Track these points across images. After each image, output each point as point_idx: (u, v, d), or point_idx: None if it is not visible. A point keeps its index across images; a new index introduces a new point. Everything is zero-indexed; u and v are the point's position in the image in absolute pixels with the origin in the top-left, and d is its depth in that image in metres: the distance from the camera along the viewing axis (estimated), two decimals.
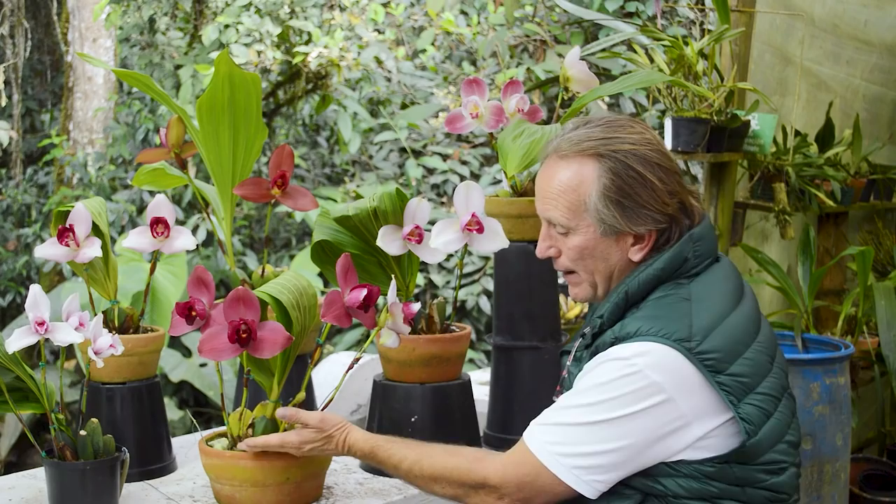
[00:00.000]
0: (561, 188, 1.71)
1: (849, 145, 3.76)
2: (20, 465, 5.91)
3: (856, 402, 3.29)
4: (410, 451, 1.79)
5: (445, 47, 6.83)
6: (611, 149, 1.68)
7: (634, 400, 1.59)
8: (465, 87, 2.35)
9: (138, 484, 2.11)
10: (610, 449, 1.60)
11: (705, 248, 1.72)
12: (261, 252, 6.33)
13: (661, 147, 1.71)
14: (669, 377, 1.58)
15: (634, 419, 1.59)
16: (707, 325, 1.62)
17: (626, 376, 1.59)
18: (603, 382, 1.62)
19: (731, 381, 1.61)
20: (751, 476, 1.63)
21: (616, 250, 1.72)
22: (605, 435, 1.60)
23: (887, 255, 3.88)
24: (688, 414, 1.60)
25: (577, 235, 1.72)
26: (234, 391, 2.50)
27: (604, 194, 1.68)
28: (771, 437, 1.64)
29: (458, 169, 6.21)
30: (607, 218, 1.68)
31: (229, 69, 2.13)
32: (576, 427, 1.62)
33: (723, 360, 1.61)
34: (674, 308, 1.64)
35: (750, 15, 3.31)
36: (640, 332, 1.62)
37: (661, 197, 1.67)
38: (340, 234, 2.27)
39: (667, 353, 1.59)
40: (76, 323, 1.88)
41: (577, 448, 1.62)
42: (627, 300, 1.69)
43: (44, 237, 6.46)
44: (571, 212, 1.71)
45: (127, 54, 7.16)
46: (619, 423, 1.59)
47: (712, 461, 1.62)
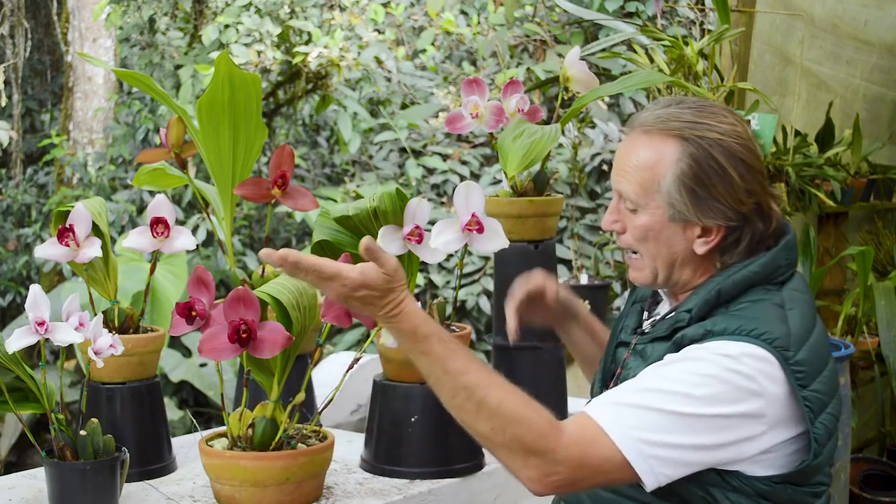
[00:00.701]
0: (638, 163, 1.64)
1: (849, 145, 3.76)
2: (20, 465, 5.91)
3: (856, 402, 3.29)
4: (477, 369, 1.54)
5: (445, 47, 6.83)
6: (697, 133, 1.60)
7: (737, 399, 1.51)
8: (465, 87, 2.35)
9: (138, 484, 2.11)
10: (697, 444, 1.51)
11: (794, 258, 1.67)
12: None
13: (750, 143, 1.63)
14: (769, 384, 1.52)
15: (732, 419, 1.51)
16: (800, 336, 1.56)
17: (734, 373, 1.51)
18: (705, 374, 1.51)
19: (813, 396, 1.54)
20: (800, 499, 1.58)
21: (681, 239, 1.64)
22: (699, 428, 1.51)
23: (887, 255, 3.89)
24: (768, 423, 1.54)
25: (645, 215, 1.64)
26: (234, 391, 2.50)
27: (679, 178, 1.60)
28: (829, 458, 1.59)
29: (458, 169, 6.21)
30: (678, 203, 1.61)
31: (229, 69, 2.13)
32: (666, 415, 1.51)
33: (809, 374, 1.55)
34: (770, 312, 1.57)
35: (750, 15, 3.31)
36: (740, 330, 1.54)
37: (737, 193, 1.60)
38: (340, 234, 2.27)
39: (771, 359, 1.52)
40: (76, 323, 1.88)
41: (664, 437, 1.50)
42: (719, 298, 1.61)
43: (44, 237, 6.46)
44: (643, 189, 1.63)
45: (127, 54, 7.17)
46: (716, 420, 1.51)
47: (770, 480, 1.55)
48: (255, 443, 1.92)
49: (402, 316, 1.57)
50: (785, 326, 1.55)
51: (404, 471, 2.17)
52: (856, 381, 3.41)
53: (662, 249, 1.66)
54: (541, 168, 2.40)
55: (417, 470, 2.17)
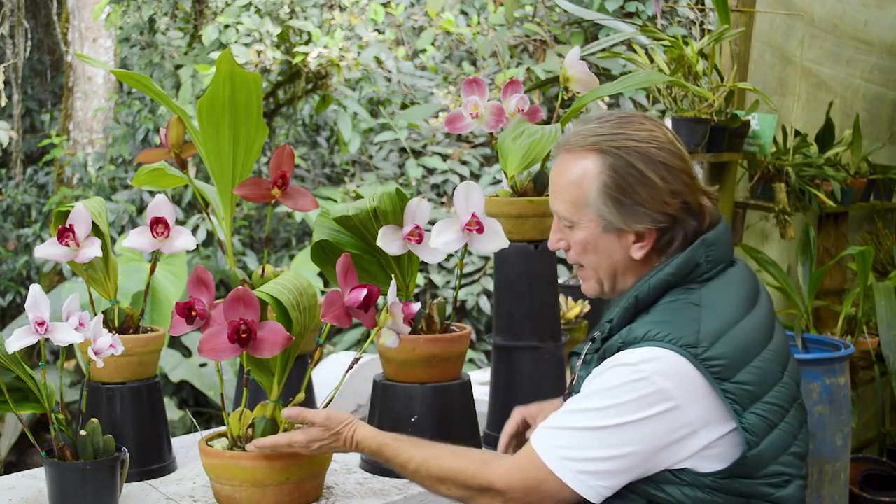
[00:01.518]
0: (565, 182, 1.73)
1: (849, 145, 3.76)
2: (20, 465, 5.91)
3: (856, 402, 3.29)
4: (417, 450, 1.79)
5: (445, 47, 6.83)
6: (614, 145, 1.68)
7: (642, 406, 1.58)
8: (465, 87, 2.35)
9: (138, 484, 2.11)
10: (616, 455, 1.60)
11: (719, 252, 1.70)
12: (261, 252, 6.33)
13: (670, 145, 1.69)
14: (676, 384, 1.58)
15: (642, 425, 1.59)
16: (715, 332, 1.61)
17: (634, 382, 1.59)
18: (610, 387, 1.61)
19: (736, 388, 1.59)
20: (755, 490, 1.62)
21: (619, 247, 1.72)
22: (613, 440, 1.60)
23: (887, 255, 3.88)
24: (695, 421, 1.59)
25: (581, 230, 1.74)
26: (234, 391, 2.50)
27: (603, 191, 1.68)
28: (775, 448, 1.63)
29: (458, 169, 6.21)
30: (606, 214, 1.69)
31: (230, 69, 2.13)
32: (583, 431, 1.62)
33: (729, 367, 1.59)
34: (682, 313, 1.63)
35: (750, 15, 3.31)
36: (647, 336, 1.61)
37: (661, 195, 1.67)
38: (340, 234, 2.27)
39: (674, 359, 1.58)
40: (76, 323, 1.88)
41: (584, 453, 1.61)
42: (637, 305, 1.69)
43: (44, 237, 6.46)
44: (574, 206, 1.72)
45: (127, 54, 7.16)
46: (626, 428, 1.59)
47: (714, 476, 1.61)
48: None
49: (360, 444, 1.85)
50: (695, 325, 1.61)
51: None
52: (856, 381, 3.41)
53: (603, 260, 1.75)
54: (541, 168, 2.40)
55: None
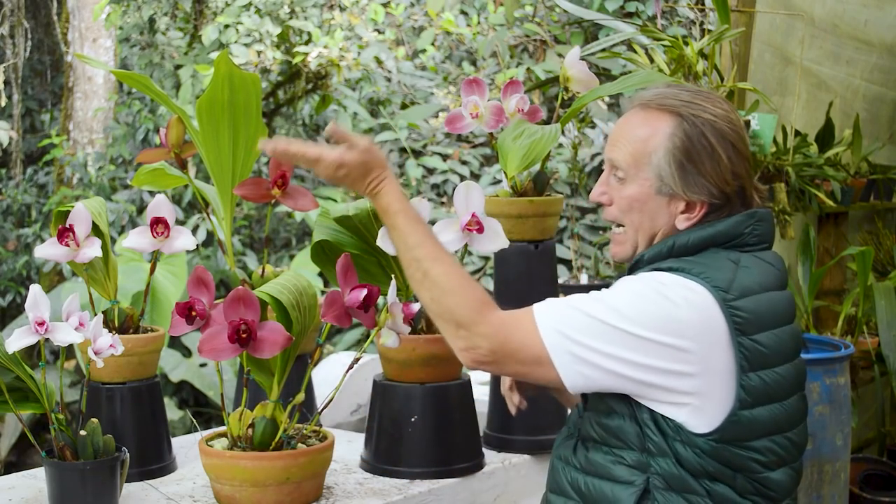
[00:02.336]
0: (632, 135, 1.71)
1: (849, 145, 3.76)
2: (20, 465, 5.91)
3: (856, 402, 3.28)
4: (430, 245, 1.70)
5: (445, 47, 6.83)
6: (692, 112, 1.67)
7: (659, 328, 1.56)
8: (465, 87, 2.35)
9: (138, 484, 2.11)
10: (613, 355, 1.57)
11: (764, 230, 1.71)
12: (261, 252, 6.33)
13: (741, 131, 1.71)
14: (698, 319, 1.57)
15: (649, 345, 1.56)
16: (747, 287, 1.61)
17: (662, 298, 1.57)
18: (635, 291, 1.59)
19: (752, 345, 1.59)
20: (744, 463, 1.61)
21: (665, 212, 1.70)
22: (616, 340, 1.57)
23: (887, 255, 3.89)
24: (698, 364, 1.57)
25: (633, 185, 1.71)
26: (234, 391, 2.50)
27: (670, 151, 1.67)
28: (771, 421, 1.62)
29: (458, 169, 6.21)
30: (666, 176, 1.67)
31: (229, 69, 2.13)
32: (592, 319, 1.59)
33: (752, 322, 1.59)
34: (720, 262, 1.63)
35: (750, 15, 3.31)
36: (682, 269, 1.61)
37: (723, 173, 1.66)
38: (340, 234, 2.27)
39: (704, 296, 1.57)
40: (76, 323, 1.88)
41: (586, 338, 1.58)
42: (672, 250, 1.67)
43: (44, 237, 6.46)
44: (635, 159, 1.70)
45: (127, 54, 7.17)
46: (633, 338, 1.57)
47: (706, 437, 1.59)
48: (255, 443, 1.92)
49: (381, 194, 1.75)
50: (731, 274, 1.61)
51: (404, 471, 2.17)
52: (856, 381, 3.41)
53: (646, 221, 1.71)
54: (541, 168, 2.40)
55: (417, 470, 2.17)
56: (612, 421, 1.65)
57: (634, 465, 1.62)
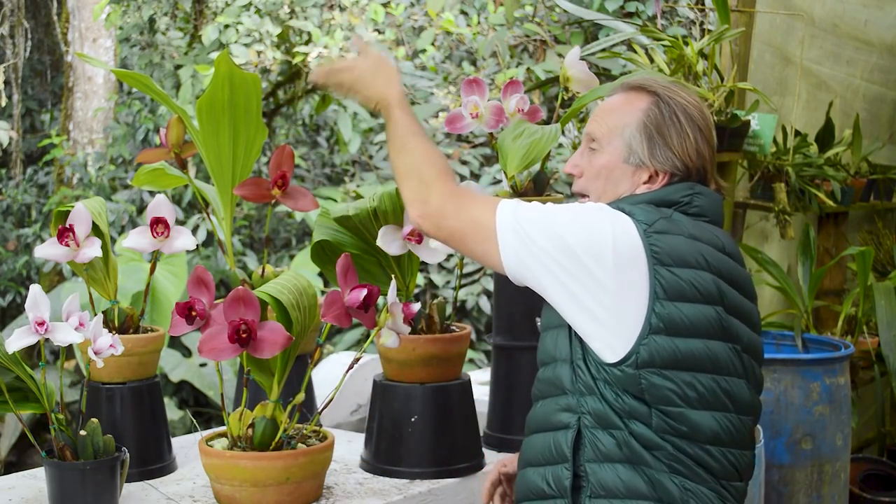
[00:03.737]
0: (611, 107, 1.84)
1: (849, 145, 3.76)
2: (20, 465, 5.91)
3: (856, 402, 3.28)
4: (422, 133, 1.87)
5: (445, 47, 6.82)
6: (668, 94, 1.80)
7: (592, 221, 1.68)
8: (465, 87, 2.35)
9: (138, 484, 2.11)
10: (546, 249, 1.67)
11: (704, 204, 1.77)
12: (261, 252, 6.33)
13: (710, 123, 1.82)
14: (622, 243, 1.65)
15: (583, 229, 1.67)
16: (669, 229, 1.69)
17: (591, 211, 1.71)
18: (571, 205, 1.75)
19: (669, 276, 1.65)
20: (660, 393, 1.63)
21: (628, 180, 1.80)
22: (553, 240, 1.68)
23: (887, 255, 3.89)
24: (614, 279, 1.64)
25: (604, 154, 1.82)
26: (234, 391, 2.50)
27: (643, 123, 1.79)
28: (688, 355, 1.64)
29: (458, 169, 6.21)
30: (636, 145, 1.78)
31: (229, 69, 2.13)
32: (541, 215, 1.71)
33: (670, 255, 1.66)
34: (649, 211, 1.72)
35: (750, 15, 3.31)
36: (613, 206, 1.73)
37: (688, 149, 1.77)
38: (340, 234, 2.27)
39: (630, 225, 1.67)
40: (76, 323, 1.88)
41: (530, 227, 1.69)
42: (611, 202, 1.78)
43: (44, 237, 6.46)
44: (609, 129, 1.81)
45: (127, 54, 7.16)
46: (567, 218, 1.69)
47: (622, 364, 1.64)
48: (255, 443, 1.92)
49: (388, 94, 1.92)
50: (655, 216, 1.70)
51: (404, 471, 2.17)
52: (856, 381, 3.41)
53: (609, 188, 1.82)
54: (541, 168, 2.40)
55: (417, 470, 2.17)
56: (552, 372, 1.75)
57: (569, 409, 1.70)
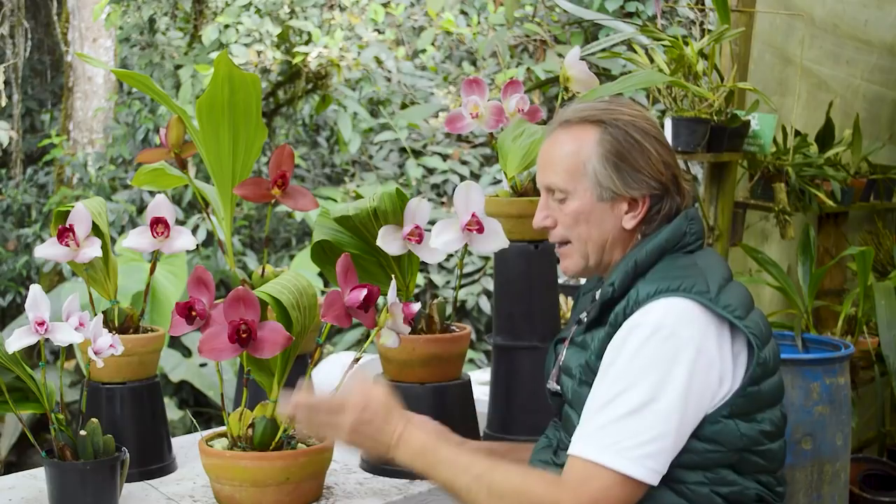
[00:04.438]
0: (562, 153, 1.77)
1: (849, 145, 3.76)
2: (20, 465, 5.91)
3: (856, 402, 3.28)
4: (480, 457, 1.69)
5: (445, 47, 6.83)
6: (612, 117, 1.75)
7: (671, 364, 1.57)
8: (465, 87, 2.35)
9: (138, 484, 2.11)
10: (670, 427, 1.57)
11: (698, 228, 1.77)
12: (261, 252, 6.32)
13: (658, 126, 1.78)
14: (697, 328, 1.60)
15: (680, 386, 1.57)
16: (718, 283, 1.66)
17: (657, 338, 1.58)
18: (634, 353, 1.59)
19: (754, 325, 1.65)
20: (753, 435, 1.64)
21: (610, 216, 1.75)
22: (661, 412, 1.56)
23: (887, 255, 3.88)
24: (716, 361, 1.61)
25: (575, 200, 1.76)
26: (234, 391, 2.50)
27: (603, 156, 1.73)
28: (772, 394, 1.68)
29: (458, 169, 6.21)
30: (604, 180, 1.73)
31: (229, 70, 2.13)
32: (629, 417, 1.57)
33: (740, 308, 1.65)
34: (687, 269, 1.67)
35: (750, 15, 3.31)
36: (658, 290, 1.63)
37: (656, 164, 1.74)
38: (340, 234, 2.27)
39: (691, 307, 1.61)
40: (76, 323, 1.88)
41: (640, 437, 1.56)
42: (636, 269, 1.70)
43: (44, 237, 6.46)
44: (570, 175, 1.75)
45: (127, 54, 7.16)
46: (667, 395, 1.57)
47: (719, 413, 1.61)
48: (255, 443, 1.92)
49: (412, 436, 1.74)
50: (702, 276, 1.65)
51: (404, 471, 2.17)
52: (856, 381, 3.40)
53: (594, 231, 1.77)
54: None
55: None
56: None
57: None
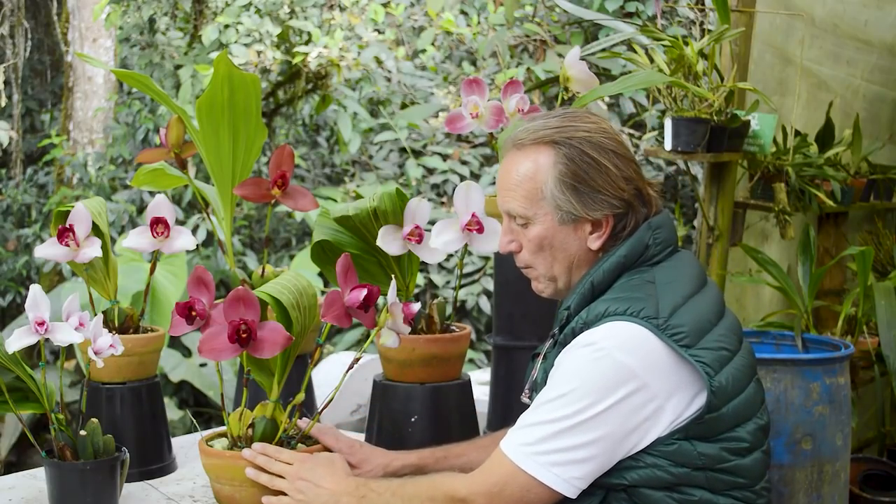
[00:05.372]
0: (518, 178, 1.73)
1: (849, 145, 3.75)
2: (20, 465, 5.91)
3: (856, 402, 3.28)
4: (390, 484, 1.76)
5: (445, 47, 6.82)
6: (566, 136, 1.70)
7: (607, 391, 1.57)
8: (465, 87, 2.35)
9: (138, 484, 2.11)
10: (587, 442, 1.58)
11: (665, 235, 1.73)
12: (261, 252, 6.32)
13: (616, 136, 1.73)
14: (639, 358, 1.58)
15: (609, 412, 1.58)
16: (672, 304, 1.63)
17: (596, 361, 1.59)
18: (572, 372, 1.61)
19: (704, 353, 1.61)
20: (714, 454, 1.61)
21: (574, 239, 1.73)
22: (582, 428, 1.58)
23: (887, 255, 3.88)
24: (660, 395, 1.59)
25: (536, 225, 1.73)
26: (234, 391, 2.50)
27: (560, 180, 1.70)
28: (736, 414, 1.64)
29: (458, 169, 6.21)
30: (564, 204, 1.70)
31: (228, 70, 2.14)
32: (549, 424, 1.60)
33: (691, 334, 1.61)
34: (639, 289, 1.65)
35: (750, 15, 3.31)
36: (607, 313, 1.62)
37: (616, 182, 1.69)
38: (340, 234, 2.27)
39: (637, 331, 1.59)
40: (76, 323, 1.88)
41: (553, 444, 1.59)
42: (593, 289, 1.69)
43: (44, 237, 6.45)
44: (529, 201, 1.73)
45: (127, 54, 7.16)
46: (594, 417, 1.58)
47: (672, 437, 1.60)
48: (255, 443, 1.92)
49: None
50: (653, 299, 1.62)
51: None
52: (856, 381, 3.40)
53: (559, 254, 1.73)
54: None
55: None
56: None
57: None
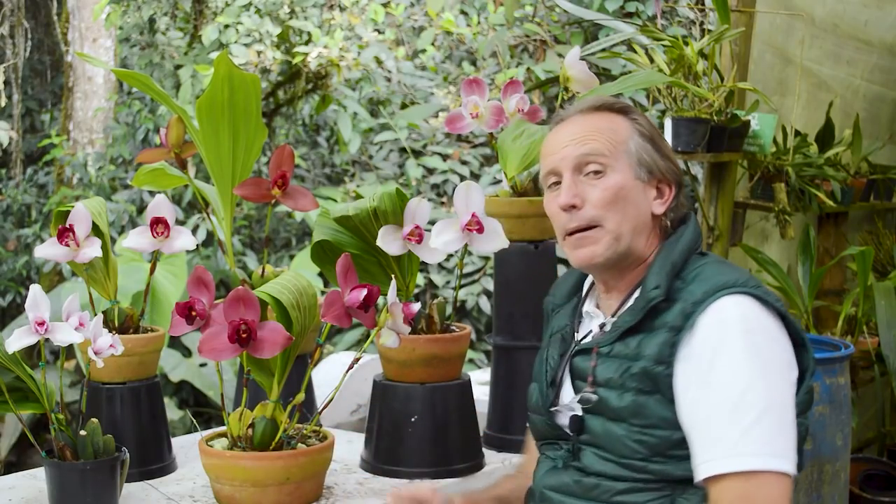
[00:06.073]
0: (600, 128, 1.66)
1: (849, 145, 3.76)
2: (20, 465, 5.91)
3: (856, 402, 3.28)
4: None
5: (445, 47, 6.82)
6: (628, 109, 1.71)
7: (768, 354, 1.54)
8: (465, 87, 2.35)
9: (138, 484, 2.11)
10: (792, 416, 1.54)
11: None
12: (261, 252, 6.32)
13: None
14: (770, 318, 1.57)
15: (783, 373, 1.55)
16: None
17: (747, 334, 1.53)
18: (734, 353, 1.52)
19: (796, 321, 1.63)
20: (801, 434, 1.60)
21: (644, 199, 1.66)
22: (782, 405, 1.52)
23: (887, 255, 3.88)
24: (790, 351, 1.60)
25: (616, 174, 1.64)
26: (234, 391, 2.50)
27: (643, 135, 1.66)
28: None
29: (458, 169, 6.21)
30: (646, 156, 1.65)
31: (228, 70, 2.14)
32: (762, 418, 1.49)
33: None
34: (727, 265, 1.64)
35: (750, 15, 3.31)
36: (717, 288, 1.56)
37: (671, 154, 1.71)
38: (340, 234, 2.27)
39: (751, 301, 1.56)
40: (76, 323, 1.88)
41: (781, 433, 1.51)
42: (674, 269, 1.62)
43: (44, 237, 6.45)
44: (614, 146, 1.64)
45: (127, 54, 7.16)
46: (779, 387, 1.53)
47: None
48: (255, 443, 1.92)
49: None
50: (743, 272, 1.62)
51: (404, 471, 2.17)
52: (856, 381, 3.41)
53: (630, 210, 1.64)
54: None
55: (417, 470, 2.17)
56: None
57: None
